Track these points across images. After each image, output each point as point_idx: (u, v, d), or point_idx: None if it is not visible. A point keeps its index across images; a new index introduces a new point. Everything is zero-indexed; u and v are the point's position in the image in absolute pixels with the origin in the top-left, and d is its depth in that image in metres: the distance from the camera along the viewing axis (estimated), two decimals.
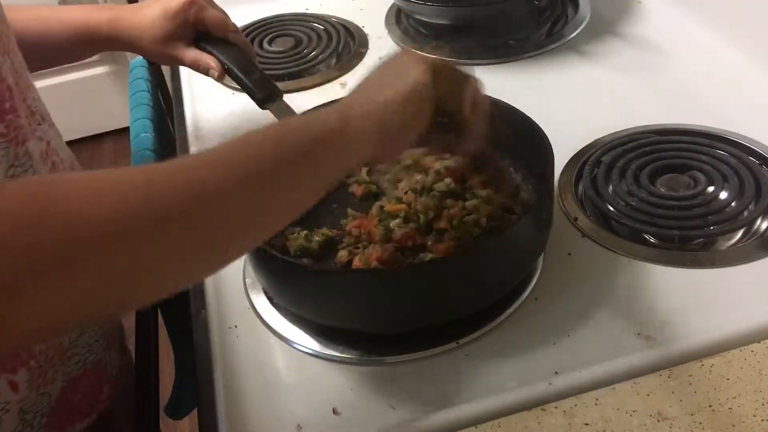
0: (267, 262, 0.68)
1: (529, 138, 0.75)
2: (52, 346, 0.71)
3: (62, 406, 0.73)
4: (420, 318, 0.68)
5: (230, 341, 0.72)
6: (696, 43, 1.03)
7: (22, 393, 0.68)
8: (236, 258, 0.54)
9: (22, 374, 0.68)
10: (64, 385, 0.73)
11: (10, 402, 0.68)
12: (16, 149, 0.66)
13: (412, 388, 0.65)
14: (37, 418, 0.71)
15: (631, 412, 0.60)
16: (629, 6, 1.14)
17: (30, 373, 0.69)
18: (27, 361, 0.69)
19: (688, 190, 0.80)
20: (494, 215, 0.74)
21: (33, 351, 0.69)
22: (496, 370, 0.65)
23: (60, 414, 0.73)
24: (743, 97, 0.93)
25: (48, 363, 0.71)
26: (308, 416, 0.64)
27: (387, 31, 1.18)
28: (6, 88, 0.65)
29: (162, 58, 0.90)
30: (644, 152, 0.84)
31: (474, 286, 0.67)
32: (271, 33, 1.20)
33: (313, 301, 0.69)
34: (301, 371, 0.69)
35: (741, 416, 0.58)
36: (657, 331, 0.66)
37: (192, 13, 0.86)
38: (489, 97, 0.70)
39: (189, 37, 0.87)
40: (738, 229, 0.76)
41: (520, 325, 0.69)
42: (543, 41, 1.10)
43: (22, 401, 0.69)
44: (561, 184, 0.83)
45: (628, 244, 0.75)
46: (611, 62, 1.04)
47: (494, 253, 0.67)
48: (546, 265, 0.74)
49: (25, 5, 0.85)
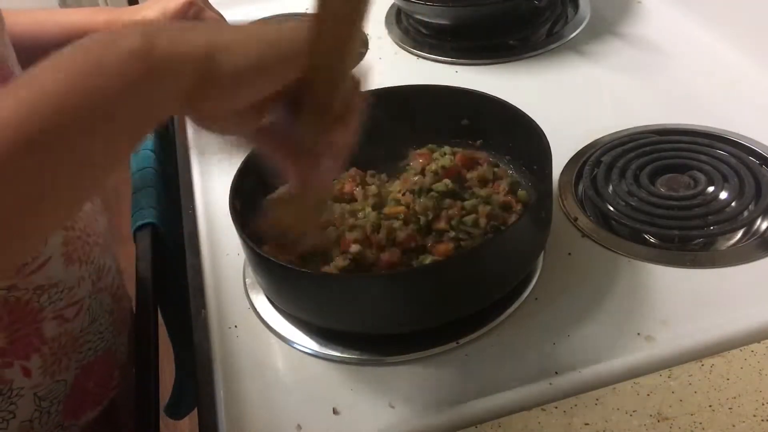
0: (266, 266, 0.68)
1: (528, 138, 0.76)
2: (64, 333, 0.73)
3: (77, 393, 0.75)
4: (420, 319, 0.68)
5: (230, 341, 0.72)
6: (696, 43, 1.03)
7: (36, 379, 0.70)
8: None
9: (35, 360, 0.70)
10: (77, 372, 0.74)
11: (23, 387, 0.70)
12: None
13: (412, 388, 0.65)
14: (54, 405, 0.72)
15: (631, 412, 0.60)
16: (629, 6, 1.14)
17: (43, 359, 0.70)
18: (39, 348, 0.70)
19: (688, 190, 0.80)
20: (494, 215, 0.74)
21: (45, 337, 0.71)
22: (496, 370, 0.65)
23: (75, 401, 0.75)
24: (743, 97, 0.93)
25: (61, 350, 0.72)
26: (308, 416, 0.64)
27: (387, 31, 1.18)
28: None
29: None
30: (644, 152, 0.84)
31: (474, 286, 0.67)
32: None
33: (313, 305, 0.69)
34: (301, 371, 0.69)
35: (741, 416, 0.58)
36: (657, 331, 0.66)
37: (190, 14, 0.87)
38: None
39: None
40: (738, 229, 0.76)
41: (520, 325, 0.69)
42: (543, 41, 1.10)
43: (36, 387, 0.70)
44: (561, 184, 0.83)
45: (628, 244, 0.75)
46: (611, 62, 1.04)
47: (494, 253, 0.67)
48: (546, 265, 0.74)
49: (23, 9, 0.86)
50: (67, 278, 0.72)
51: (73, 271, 0.73)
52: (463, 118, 0.83)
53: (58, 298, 0.71)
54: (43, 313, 0.70)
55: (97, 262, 0.77)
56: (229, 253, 0.81)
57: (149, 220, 0.94)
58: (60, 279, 0.71)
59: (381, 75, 1.07)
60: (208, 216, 0.87)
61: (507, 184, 0.77)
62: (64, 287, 0.72)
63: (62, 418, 0.74)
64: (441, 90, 0.86)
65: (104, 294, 0.78)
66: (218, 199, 0.88)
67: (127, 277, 0.90)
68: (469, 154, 0.80)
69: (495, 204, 0.75)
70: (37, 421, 0.71)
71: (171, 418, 1.06)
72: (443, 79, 0.94)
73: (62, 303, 0.72)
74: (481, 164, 0.80)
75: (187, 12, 0.86)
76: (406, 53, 1.12)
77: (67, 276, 0.72)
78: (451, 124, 0.83)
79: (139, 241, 0.92)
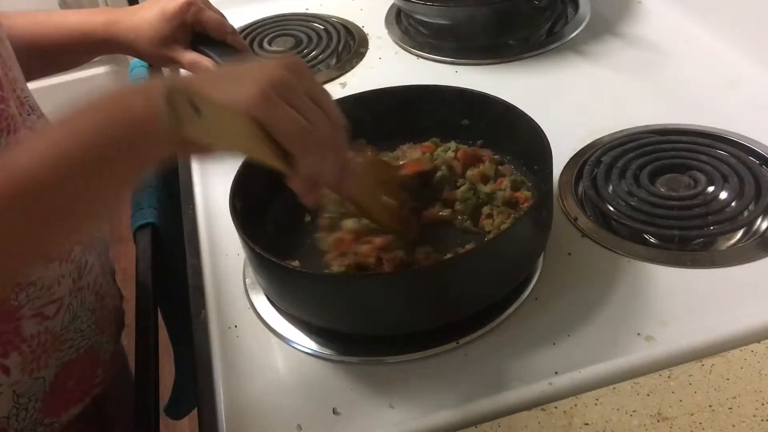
0: (266, 266, 0.68)
1: (528, 138, 0.76)
2: (44, 331, 0.72)
3: (57, 390, 0.74)
4: (420, 320, 0.68)
5: (230, 341, 0.72)
6: (696, 43, 1.03)
7: (14, 377, 0.70)
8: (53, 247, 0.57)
9: (13, 358, 0.69)
10: (57, 370, 0.74)
11: (2, 385, 0.69)
12: (8, 138, 0.66)
13: (412, 388, 0.65)
14: (32, 402, 0.72)
15: (631, 412, 0.60)
16: (629, 6, 1.14)
17: (22, 357, 0.70)
18: (18, 346, 0.70)
19: (688, 190, 0.80)
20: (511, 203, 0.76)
21: (24, 336, 0.70)
22: (496, 370, 0.65)
23: (55, 398, 0.74)
24: (743, 97, 0.93)
25: (41, 348, 0.72)
26: (308, 416, 0.64)
27: (387, 31, 1.18)
28: None
29: (159, 60, 0.90)
30: (644, 152, 0.84)
31: (474, 286, 0.67)
32: (271, 33, 1.20)
33: (313, 305, 0.69)
34: (301, 371, 0.69)
35: (741, 416, 0.58)
36: (657, 331, 0.66)
37: (190, 14, 0.86)
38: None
39: (186, 40, 0.88)
40: (738, 229, 0.76)
41: (520, 325, 0.69)
42: (543, 41, 1.10)
43: (15, 384, 0.70)
44: (561, 184, 0.83)
45: (628, 244, 0.75)
46: (611, 62, 1.04)
47: (494, 253, 0.67)
48: (546, 265, 0.74)
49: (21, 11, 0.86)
50: (45, 276, 0.71)
51: (53, 269, 0.72)
52: (463, 118, 0.83)
53: (37, 296, 0.70)
54: (21, 311, 0.69)
55: (78, 260, 0.76)
56: (229, 253, 0.81)
57: (149, 220, 0.94)
58: (38, 277, 0.70)
59: (381, 75, 1.07)
60: (208, 216, 0.87)
61: (509, 182, 0.77)
62: (43, 285, 0.71)
63: (41, 416, 0.74)
64: (441, 90, 0.86)
65: (86, 292, 0.77)
66: (218, 199, 0.88)
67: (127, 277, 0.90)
68: (471, 151, 0.81)
69: (500, 201, 0.76)
70: (14, 418, 0.71)
71: (171, 418, 1.06)
72: (443, 79, 0.94)
73: (41, 301, 0.71)
74: (484, 161, 0.80)
75: (186, 12, 0.86)
76: (406, 53, 1.12)
77: (46, 274, 0.71)
78: (451, 124, 0.83)
79: (139, 241, 0.92)
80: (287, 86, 0.54)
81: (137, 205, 0.96)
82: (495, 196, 0.77)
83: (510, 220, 0.74)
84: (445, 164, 0.79)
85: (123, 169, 0.53)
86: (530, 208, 0.72)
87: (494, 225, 0.75)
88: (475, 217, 0.76)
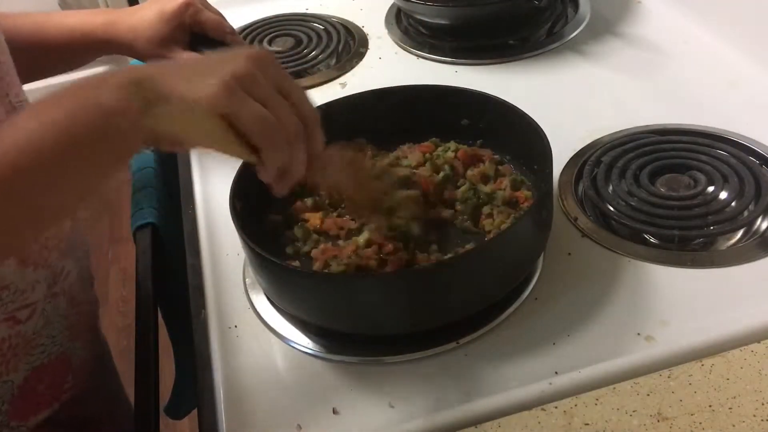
0: (266, 266, 0.68)
1: (528, 138, 0.76)
2: (15, 334, 0.72)
3: (25, 394, 0.74)
4: (420, 320, 0.68)
5: (230, 341, 0.72)
6: (696, 43, 1.03)
7: None
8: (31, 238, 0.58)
9: None
10: (27, 374, 0.74)
11: None
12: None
13: (412, 388, 0.65)
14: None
15: (631, 412, 0.60)
16: (629, 6, 1.14)
17: None
18: None
19: (688, 190, 0.80)
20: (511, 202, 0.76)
21: None
22: (496, 370, 0.65)
23: (23, 402, 0.74)
24: (743, 97, 0.93)
25: (11, 352, 0.72)
26: (308, 416, 0.64)
27: (387, 31, 1.18)
28: None
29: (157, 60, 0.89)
30: (644, 152, 0.84)
31: (474, 286, 0.67)
32: (271, 33, 1.20)
33: (313, 305, 0.69)
34: (301, 371, 0.69)
35: (741, 416, 0.58)
36: (657, 331, 0.66)
37: (188, 15, 0.86)
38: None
39: (185, 40, 0.87)
40: (738, 229, 0.76)
41: (520, 325, 0.69)
42: (543, 41, 1.10)
43: None
44: (561, 184, 0.83)
45: (628, 244, 0.75)
46: (611, 62, 1.04)
47: (494, 253, 0.67)
48: (546, 265, 0.74)
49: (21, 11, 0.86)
50: (19, 280, 0.71)
51: (27, 274, 0.72)
52: (463, 118, 0.84)
53: (10, 300, 0.70)
54: None
55: (54, 266, 0.76)
56: (229, 253, 0.81)
57: (149, 220, 0.93)
58: (12, 281, 0.70)
59: (381, 75, 1.07)
60: (208, 216, 0.87)
61: (509, 182, 0.77)
62: (16, 289, 0.71)
63: (8, 419, 0.74)
64: (441, 90, 0.86)
65: (60, 298, 0.77)
66: (218, 199, 0.88)
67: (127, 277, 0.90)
68: (471, 151, 0.81)
69: (500, 201, 0.76)
70: None
71: (171, 418, 1.06)
72: (443, 79, 0.94)
73: (14, 305, 0.71)
74: (484, 161, 0.80)
75: (184, 13, 0.86)
76: (406, 53, 1.12)
77: (20, 278, 0.71)
78: (451, 124, 0.84)
79: (139, 241, 0.92)
80: (252, 79, 0.54)
81: (137, 205, 0.96)
82: (495, 196, 0.77)
83: (510, 220, 0.74)
84: (447, 164, 0.79)
85: (97, 157, 0.53)
86: (530, 208, 0.72)
87: (494, 225, 0.75)
88: (476, 217, 0.76)
